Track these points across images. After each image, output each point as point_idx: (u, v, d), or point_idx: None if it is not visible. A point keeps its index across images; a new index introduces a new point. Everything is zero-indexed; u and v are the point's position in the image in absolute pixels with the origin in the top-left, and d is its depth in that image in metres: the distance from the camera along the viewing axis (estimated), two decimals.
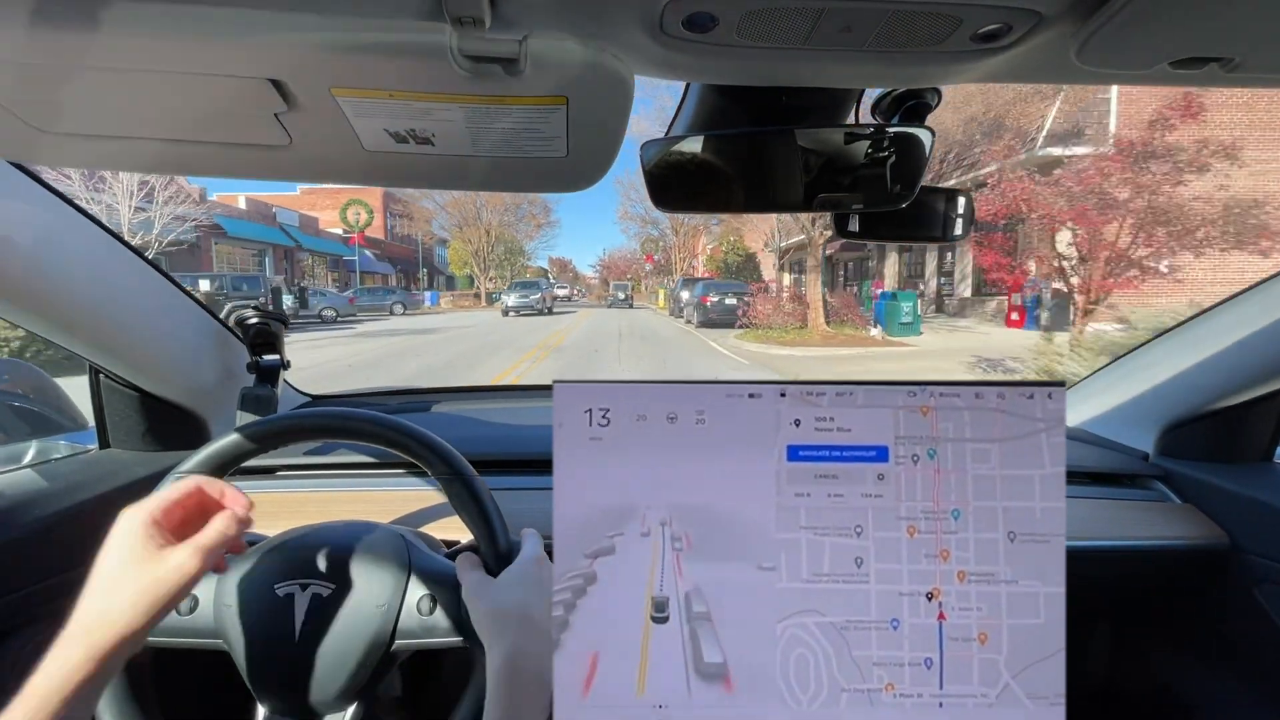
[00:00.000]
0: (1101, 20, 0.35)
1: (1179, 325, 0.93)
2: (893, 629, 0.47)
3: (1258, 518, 0.82)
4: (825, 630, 0.49)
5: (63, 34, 0.34)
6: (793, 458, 0.49)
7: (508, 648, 0.52)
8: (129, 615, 0.46)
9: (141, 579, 0.47)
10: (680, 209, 0.62)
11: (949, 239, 0.71)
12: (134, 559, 0.47)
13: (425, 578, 0.60)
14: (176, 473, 0.60)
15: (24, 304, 0.70)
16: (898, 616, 0.48)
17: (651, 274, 44.53)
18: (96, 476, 0.84)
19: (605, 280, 57.09)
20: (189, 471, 0.60)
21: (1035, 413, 0.49)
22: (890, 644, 0.47)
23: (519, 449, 0.97)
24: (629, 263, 53.92)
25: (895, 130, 0.56)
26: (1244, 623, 0.84)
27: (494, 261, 38.04)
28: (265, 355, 0.98)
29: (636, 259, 50.05)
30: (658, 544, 0.50)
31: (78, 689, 0.43)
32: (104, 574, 0.47)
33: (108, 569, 0.48)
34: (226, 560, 0.61)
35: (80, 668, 0.44)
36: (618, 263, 56.80)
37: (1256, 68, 0.40)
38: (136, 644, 0.47)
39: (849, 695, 0.48)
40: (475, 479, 0.61)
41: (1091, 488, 0.93)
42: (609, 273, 57.92)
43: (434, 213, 35.96)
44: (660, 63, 0.42)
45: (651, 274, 44.53)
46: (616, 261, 57.00)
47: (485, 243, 35.39)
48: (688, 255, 34.51)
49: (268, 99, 0.39)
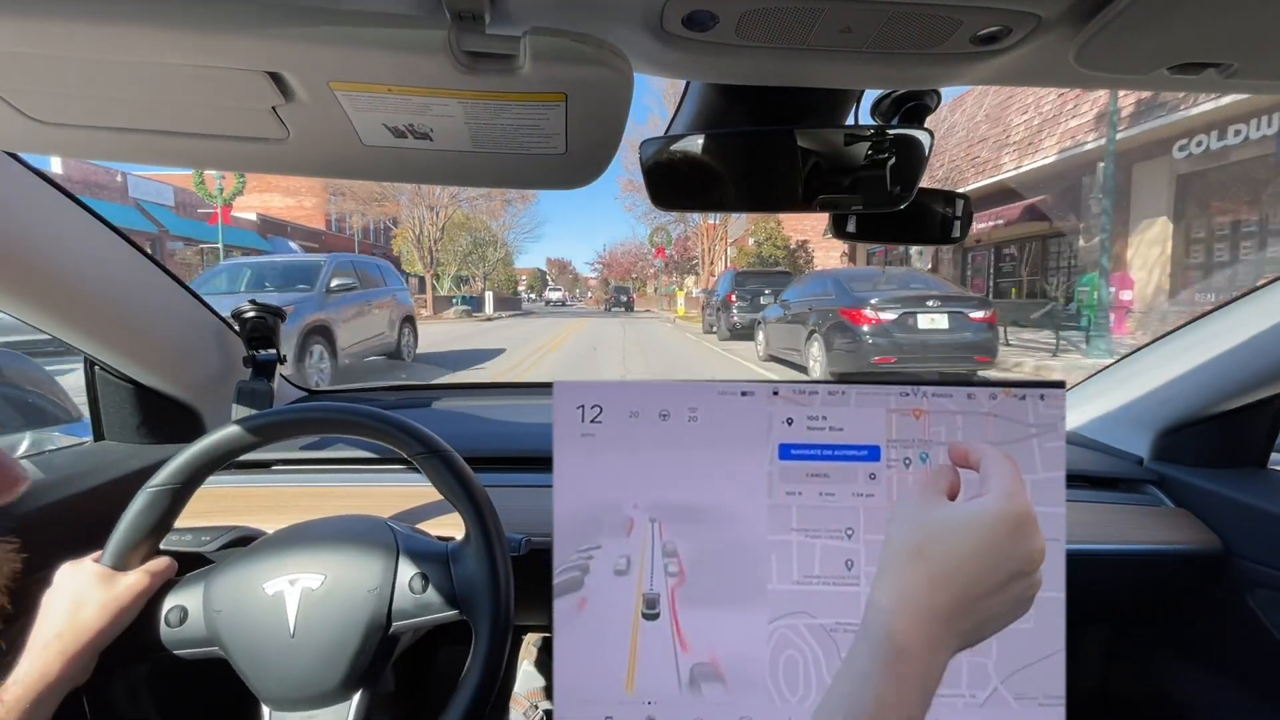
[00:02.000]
0: (1100, 24, 0.35)
1: (1174, 330, 0.94)
2: None
3: (1251, 523, 0.82)
4: (815, 632, 0.49)
5: (60, 25, 0.34)
6: (784, 456, 0.49)
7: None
8: (97, 623, 0.54)
9: (104, 595, 0.55)
10: (678, 207, 0.62)
11: (947, 241, 0.71)
12: (92, 585, 0.56)
13: (415, 557, 0.60)
14: (149, 487, 0.60)
15: (19, 295, 0.70)
16: None
17: (662, 271, 36.30)
18: (91, 469, 0.84)
19: (606, 280, 51.75)
20: (160, 484, 0.59)
21: (1028, 416, 0.49)
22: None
23: (518, 446, 0.97)
24: (634, 259, 46.82)
25: (895, 132, 0.56)
26: (1237, 628, 0.84)
27: (457, 254, 29.36)
28: (261, 349, 0.98)
29: (642, 254, 43.53)
30: (647, 541, 0.50)
31: (48, 689, 0.51)
32: (65, 598, 0.55)
33: (69, 593, 0.55)
34: (208, 571, 0.62)
35: (53, 667, 0.51)
36: (620, 259, 49.55)
37: (1255, 74, 0.40)
38: (96, 650, 0.54)
39: None
40: (451, 454, 0.61)
41: (1085, 492, 0.93)
42: (610, 271, 51.78)
43: (378, 193, 24.03)
44: (660, 61, 0.42)
45: (662, 271, 36.30)
46: (619, 258, 49.58)
47: (428, 227, 25.00)
48: (718, 242, 25.18)
49: (266, 92, 0.39)
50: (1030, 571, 0.37)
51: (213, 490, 0.84)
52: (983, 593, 0.36)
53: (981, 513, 0.37)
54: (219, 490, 0.88)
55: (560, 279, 72.33)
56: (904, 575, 0.36)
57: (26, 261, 0.68)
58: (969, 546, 0.36)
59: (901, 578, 0.36)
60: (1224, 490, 0.86)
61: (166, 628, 0.58)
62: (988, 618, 0.36)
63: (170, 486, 0.59)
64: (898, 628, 0.34)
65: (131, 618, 0.57)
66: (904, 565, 0.37)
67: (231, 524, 0.76)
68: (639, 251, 44.74)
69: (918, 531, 0.38)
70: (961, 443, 0.43)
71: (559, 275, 73.32)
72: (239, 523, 0.76)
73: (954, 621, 0.35)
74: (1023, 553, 0.36)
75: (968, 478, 0.41)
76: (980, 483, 0.39)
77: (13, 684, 0.50)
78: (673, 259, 32.32)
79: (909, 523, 0.38)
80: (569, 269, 75.32)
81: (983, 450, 0.41)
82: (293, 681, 0.57)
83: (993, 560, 0.36)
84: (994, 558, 0.36)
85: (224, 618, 0.58)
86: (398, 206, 25.51)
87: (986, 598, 0.36)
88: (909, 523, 0.38)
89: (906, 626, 0.34)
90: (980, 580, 0.36)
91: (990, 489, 0.39)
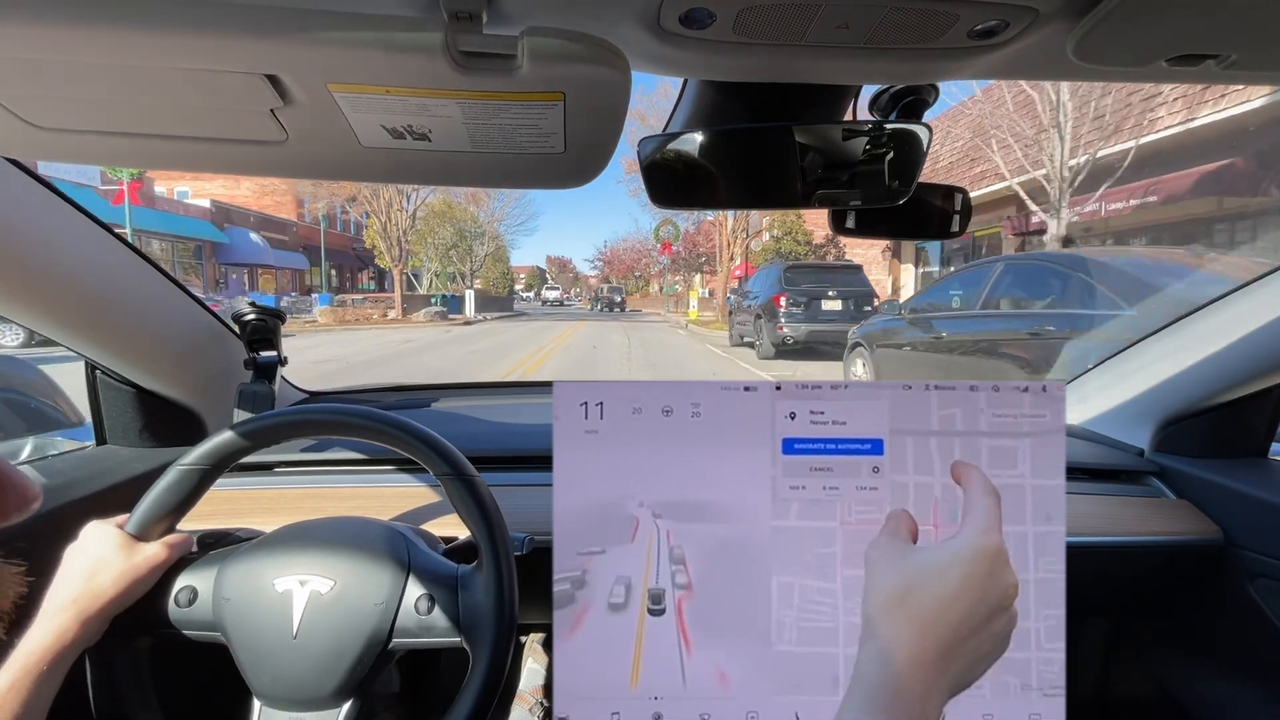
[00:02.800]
0: (1097, 17, 0.35)
1: (1175, 321, 0.94)
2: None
3: (1252, 513, 0.82)
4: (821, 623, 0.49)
5: (57, 30, 0.34)
6: (788, 450, 0.49)
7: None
8: (113, 590, 0.55)
9: (123, 563, 0.57)
10: (677, 205, 0.62)
11: (946, 236, 0.71)
12: (114, 549, 0.57)
13: (424, 577, 0.60)
14: (180, 464, 0.61)
15: (20, 299, 0.70)
16: None
17: (668, 269, 33.09)
18: (94, 473, 0.84)
19: (607, 279, 46.97)
20: (192, 463, 0.60)
21: (1029, 409, 0.49)
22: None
23: (518, 445, 0.97)
24: (636, 255, 41.33)
25: (893, 127, 0.56)
26: (1239, 618, 0.84)
27: (439, 248, 25.66)
28: (263, 351, 0.98)
29: (646, 249, 37.97)
30: (653, 536, 0.50)
31: (63, 651, 0.52)
32: (86, 560, 0.56)
33: (90, 556, 0.57)
34: (224, 556, 0.62)
35: (69, 631, 0.53)
36: (622, 256, 43.67)
37: (1253, 65, 0.40)
38: (109, 616, 0.56)
39: (840, 686, 0.48)
40: (477, 480, 0.61)
41: (1086, 483, 0.93)
42: (612, 269, 46.35)
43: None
44: (657, 58, 0.42)
45: (668, 269, 33.09)
46: (621, 255, 43.74)
47: (395, 213, 21.24)
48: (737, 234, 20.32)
49: (264, 95, 0.39)
50: (1008, 606, 0.38)
51: (216, 493, 0.85)
52: (968, 633, 0.36)
53: (958, 553, 0.38)
54: (222, 493, 0.88)
55: (560, 277, 70.62)
56: (891, 624, 0.36)
57: (26, 266, 0.68)
58: (951, 588, 0.37)
59: (888, 627, 0.36)
60: (1225, 481, 0.86)
61: (175, 606, 0.59)
62: (976, 659, 0.37)
63: (200, 467, 0.61)
64: (890, 675, 0.34)
65: (146, 589, 0.58)
66: (889, 614, 0.37)
67: (236, 526, 0.76)
68: (642, 248, 39.29)
69: (897, 579, 0.38)
70: (961, 462, 0.44)
71: (559, 273, 71.51)
72: (243, 525, 0.77)
73: (945, 664, 0.35)
74: (999, 588, 0.37)
75: (947, 503, 0.42)
76: (961, 512, 0.41)
77: (31, 645, 0.51)
78: (680, 255, 29.10)
79: (887, 571, 0.39)
80: (569, 267, 72.85)
81: (971, 477, 0.42)
82: (288, 682, 0.57)
83: (974, 599, 0.37)
84: (975, 596, 0.37)
85: (231, 606, 0.59)
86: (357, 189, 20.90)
87: (972, 637, 0.36)
88: (887, 571, 0.39)
89: (900, 674, 0.34)
90: (965, 620, 0.36)
91: (967, 524, 0.40)
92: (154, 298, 0.87)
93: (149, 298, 0.86)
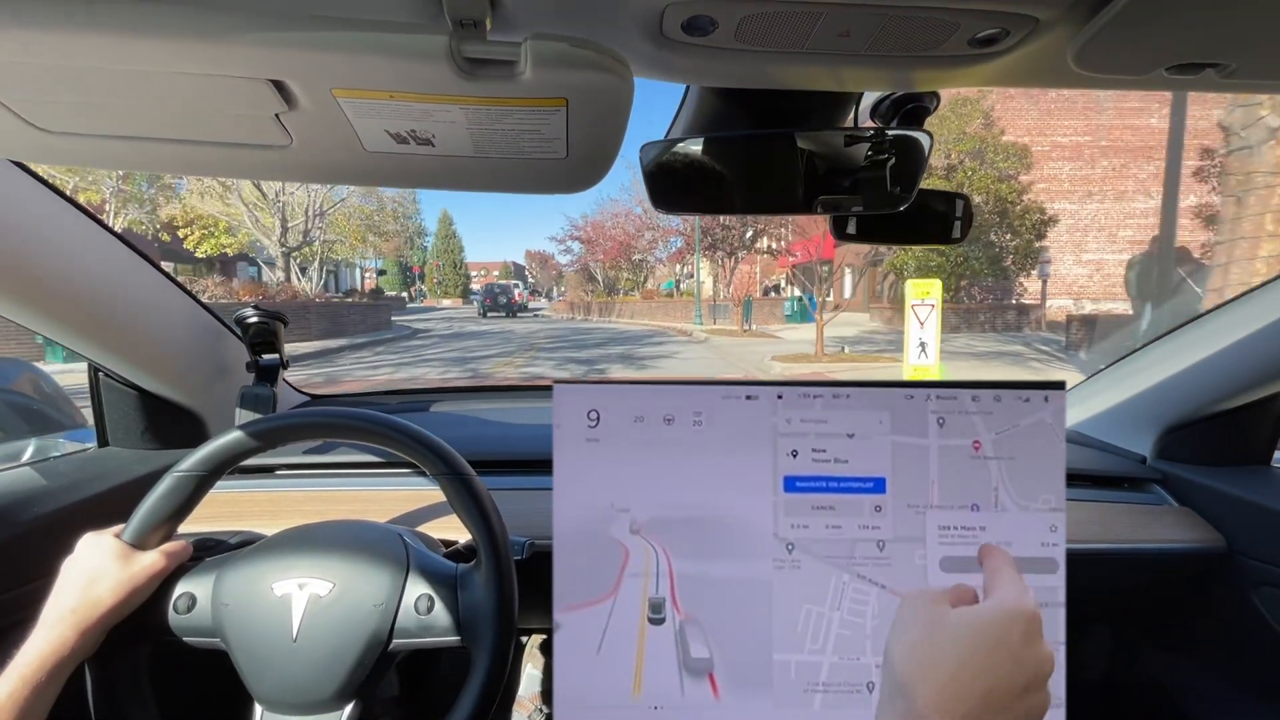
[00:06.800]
0: (1098, 26, 0.35)
1: (1177, 328, 0.93)
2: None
3: (1255, 521, 0.82)
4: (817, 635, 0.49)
5: (64, 34, 0.34)
6: (789, 489, 0.49)
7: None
8: (111, 600, 0.55)
9: (120, 573, 0.56)
10: (680, 210, 0.62)
11: (947, 242, 0.71)
12: (111, 559, 0.57)
13: (423, 576, 0.60)
14: (176, 471, 0.60)
15: (24, 302, 0.70)
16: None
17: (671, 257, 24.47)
18: (95, 475, 0.84)
19: (586, 268, 31.27)
20: (189, 469, 0.60)
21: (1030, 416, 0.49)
22: (879, 648, 0.48)
23: (518, 449, 0.97)
24: (629, 235, 25.89)
25: (894, 133, 0.56)
26: (1241, 626, 0.84)
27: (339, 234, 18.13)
28: (265, 354, 0.98)
29: (647, 223, 24.75)
30: (653, 546, 0.50)
31: (61, 662, 0.52)
32: (83, 570, 0.56)
33: (87, 566, 0.56)
34: (222, 561, 0.62)
35: (68, 642, 0.52)
36: (610, 232, 26.61)
37: (1253, 73, 0.40)
38: (108, 626, 0.56)
39: (838, 698, 0.48)
40: (474, 479, 0.61)
41: (1089, 490, 0.93)
42: (593, 252, 28.48)
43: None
44: (660, 65, 0.43)
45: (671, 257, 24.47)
46: (608, 230, 26.64)
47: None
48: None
49: (269, 100, 0.39)
50: (1041, 684, 0.34)
51: (217, 496, 0.85)
52: (999, 707, 0.33)
53: (992, 613, 0.35)
54: (223, 496, 0.88)
55: (542, 275, 60.96)
56: (921, 686, 0.33)
57: (31, 268, 0.68)
58: (982, 656, 0.33)
59: (917, 688, 0.33)
60: (1228, 488, 0.86)
61: (174, 613, 0.59)
62: None
63: (197, 473, 0.60)
64: None
65: (144, 597, 0.58)
66: (919, 675, 0.34)
67: (237, 529, 0.76)
68: (641, 221, 25.04)
69: (928, 637, 0.35)
70: (987, 545, 0.42)
71: (541, 269, 61.22)
72: (245, 528, 0.77)
73: None
74: (1034, 659, 0.34)
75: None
76: (985, 582, 0.38)
77: (30, 656, 0.51)
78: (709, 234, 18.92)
79: (921, 627, 0.36)
80: (551, 262, 56.88)
81: (992, 553, 0.40)
82: (288, 686, 0.57)
83: (1008, 669, 0.33)
84: (1008, 666, 0.33)
85: (230, 612, 0.59)
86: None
87: (1002, 713, 0.33)
88: (921, 627, 0.36)
89: None
90: (994, 691, 0.33)
91: (998, 588, 0.37)
92: (157, 300, 0.87)
93: (152, 300, 0.86)
